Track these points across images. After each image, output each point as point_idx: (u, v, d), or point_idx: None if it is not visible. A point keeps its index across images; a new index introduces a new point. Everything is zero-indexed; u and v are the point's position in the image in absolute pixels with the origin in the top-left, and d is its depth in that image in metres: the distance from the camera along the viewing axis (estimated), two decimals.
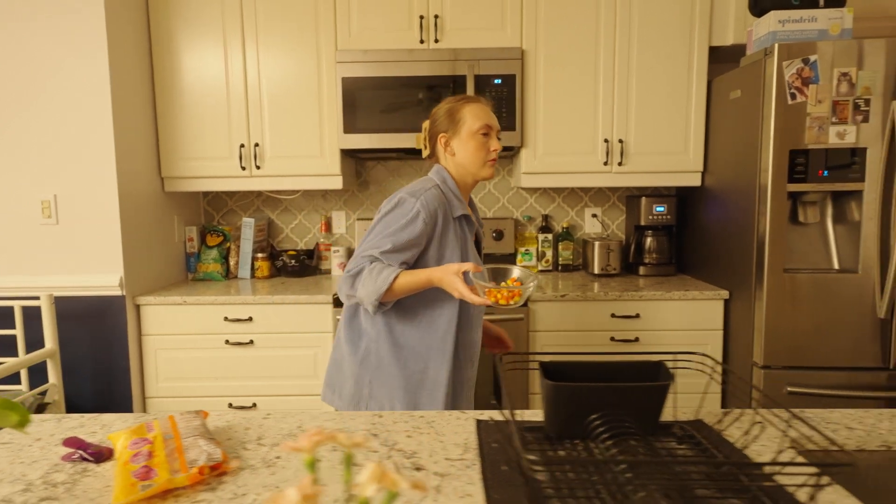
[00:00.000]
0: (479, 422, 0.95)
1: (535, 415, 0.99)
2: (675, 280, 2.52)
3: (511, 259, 2.79)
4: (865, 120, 1.90)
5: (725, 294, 2.24)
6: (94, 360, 2.24)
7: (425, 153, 1.50)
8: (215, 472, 0.77)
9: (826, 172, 1.94)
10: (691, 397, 2.32)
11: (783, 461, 0.59)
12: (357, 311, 1.45)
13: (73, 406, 2.24)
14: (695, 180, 2.47)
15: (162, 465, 0.75)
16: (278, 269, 2.74)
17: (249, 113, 2.45)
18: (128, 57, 2.26)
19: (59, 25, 2.11)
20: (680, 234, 2.76)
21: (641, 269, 2.66)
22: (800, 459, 0.79)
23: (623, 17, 2.38)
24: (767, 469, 0.71)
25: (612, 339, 2.28)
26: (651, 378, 0.86)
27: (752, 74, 2.05)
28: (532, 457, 0.60)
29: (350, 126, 2.41)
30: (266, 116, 2.45)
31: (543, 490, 0.68)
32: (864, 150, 1.92)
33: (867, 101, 1.90)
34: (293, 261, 2.70)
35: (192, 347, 2.30)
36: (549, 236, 2.79)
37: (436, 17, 2.39)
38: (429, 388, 1.39)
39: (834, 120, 1.91)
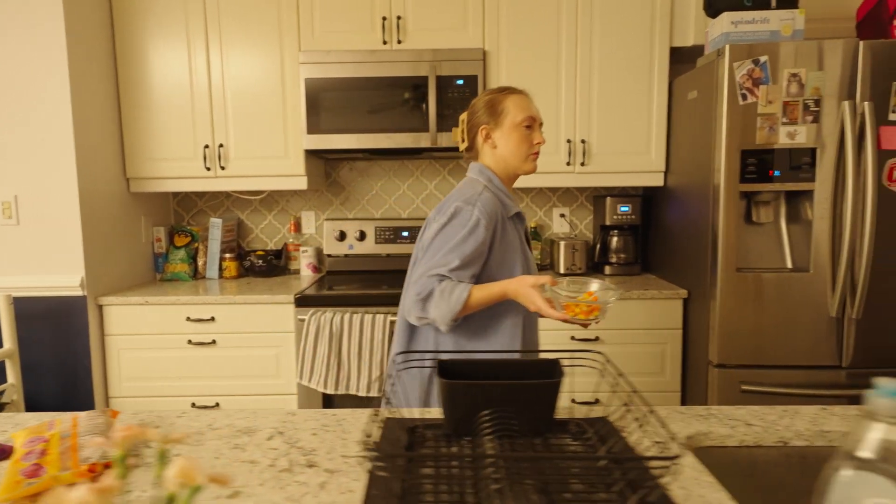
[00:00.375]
0: (387, 420, 0.96)
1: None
2: (639, 279, 2.53)
3: None
4: (815, 120, 1.92)
5: (684, 293, 2.26)
6: (57, 360, 2.24)
7: (463, 146, 1.46)
8: (109, 470, 0.78)
9: (777, 172, 1.95)
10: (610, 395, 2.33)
11: (618, 455, 0.60)
12: (416, 328, 1.39)
13: (35, 406, 2.24)
14: (657, 180, 2.48)
15: (53, 463, 0.76)
16: (246, 269, 2.75)
17: (214, 114, 2.46)
18: (89, 56, 2.27)
19: (17, 23, 2.11)
20: (645, 234, 2.77)
21: (607, 269, 2.67)
22: (653, 452, 0.80)
23: (584, 18, 2.39)
24: (613, 462, 0.72)
25: (573, 338, 2.29)
26: (548, 376, 0.88)
27: (707, 75, 2.06)
28: (374, 453, 0.61)
29: (314, 127, 2.42)
30: (230, 117, 2.46)
31: (411, 486, 0.70)
32: (814, 150, 1.94)
33: (817, 102, 1.91)
34: (260, 261, 2.71)
35: (154, 347, 2.31)
36: None
37: (398, 18, 2.40)
38: None
39: (784, 120, 1.92)
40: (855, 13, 2.33)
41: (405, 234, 2.79)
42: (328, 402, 2.28)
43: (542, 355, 2.03)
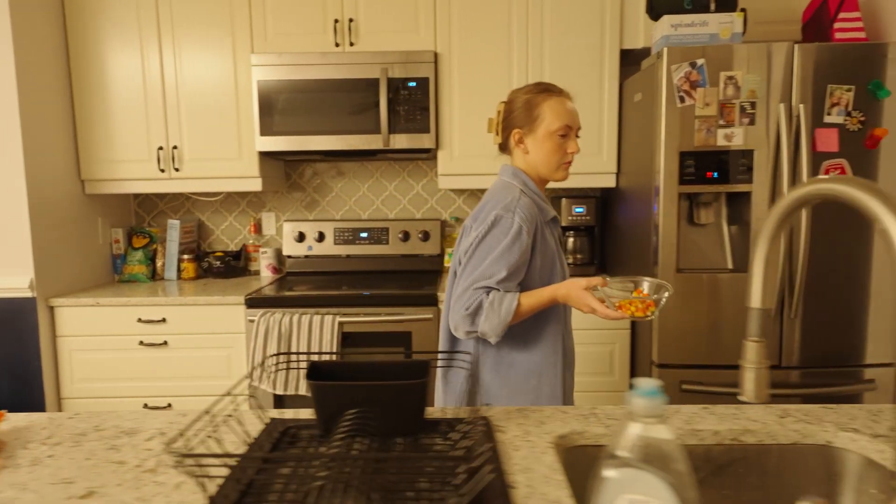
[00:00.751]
0: (273, 420, 0.97)
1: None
2: None
3: (438, 261, 2.82)
4: (752, 122, 1.94)
5: None
6: (7, 361, 2.25)
7: (496, 140, 1.43)
8: None
9: (716, 174, 1.97)
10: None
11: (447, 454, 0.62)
12: (458, 338, 1.38)
13: None
14: (609, 181, 2.50)
15: None
16: (205, 270, 2.76)
17: (167, 115, 2.47)
18: (39, 56, 2.28)
19: None
20: (602, 235, 2.79)
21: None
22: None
23: (534, 21, 2.41)
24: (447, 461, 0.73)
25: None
26: (418, 377, 0.89)
27: (650, 78, 2.08)
28: (180, 452, 0.62)
29: (267, 128, 2.43)
30: (184, 119, 2.47)
31: (258, 487, 0.71)
32: (751, 152, 1.96)
33: (753, 104, 1.93)
34: (218, 262, 2.72)
35: (106, 349, 2.32)
36: None
37: (350, 20, 2.42)
38: (545, 404, 1.33)
39: (722, 122, 1.94)
40: (801, 16, 2.35)
41: (364, 234, 2.80)
42: (279, 402, 2.29)
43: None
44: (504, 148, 1.43)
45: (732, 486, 0.93)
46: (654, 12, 2.10)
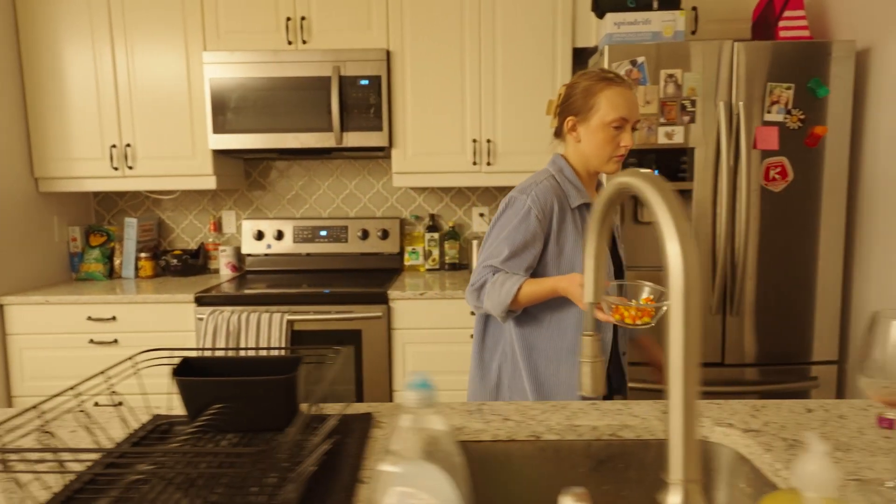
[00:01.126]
0: (155, 416, 0.97)
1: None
2: None
3: (398, 259, 2.82)
4: (692, 121, 1.94)
5: None
6: None
7: (552, 124, 1.38)
8: None
9: (657, 172, 1.98)
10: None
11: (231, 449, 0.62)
12: (490, 321, 1.39)
13: None
14: None
15: None
16: (163, 268, 2.76)
17: (120, 113, 2.47)
18: None
19: None
20: None
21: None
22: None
23: (487, 19, 2.41)
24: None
25: (472, 336, 2.30)
26: (290, 373, 0.89)
27: None
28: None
29: (219, 127, 2.42)
30: (137, 116, 2.47)
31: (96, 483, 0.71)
32: (692, 150, 1.96)
33: (693, 102, 1.94)
34: (176, 260, 2.72)
35: (56, 347, 2.31)
36: (436, 235, 2.82)
37: (302, 18, 2.41)
38: (563, 393, 1.32)
39: (662, 120, 1.95)
40: (752, 14, 2.35)
41: (323, 233, 2.80)
42: None
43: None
44: (559, 133, 1.37)
45: (612, 481, 0.94)
46: (600, 10, 2.10)
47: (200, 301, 2.27)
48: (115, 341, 2.31)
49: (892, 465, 0.77)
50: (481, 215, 2.90)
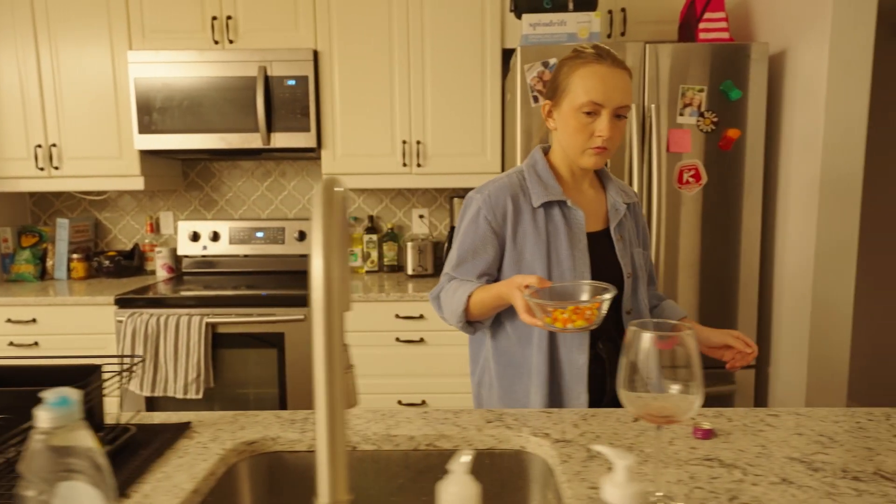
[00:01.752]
0: None
1: None
2: None
3: None
4: None
5: None
6: None
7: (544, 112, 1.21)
8: None
9: None
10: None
11: None
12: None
13: None
14: (476, 182, 2.48)
15: None
16: (96, 269, 2.73)
17: (45, 113, 2.44)
18: None
19: None
20: None
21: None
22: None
23: (415, 19, 2.39)
24: None
25: (398, 339, 2.29)
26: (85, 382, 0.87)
27: (512, 77, 2.07)
28: None
29: (145, 127, 2.40)
30: (63, 117, 2.44)
31: None
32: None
33: None
34: (108, 262, 2.69)
35: None
36: (375, 237, 2.80)
37: (228, 18, 2.39)
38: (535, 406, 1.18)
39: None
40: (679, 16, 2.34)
41: (260, 234, 2.78)
42: (150, 404, 2.27)
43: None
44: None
45: (431, 492, 0.92)
46: (518, 11, 2.08)
47: (121, 303, 2.24)
48: (36, 343, 2.28)
49: (682, 477, 0.75)
50: (421, 217, 2.88)
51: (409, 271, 2.64)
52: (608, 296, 0.93)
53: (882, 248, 3.00)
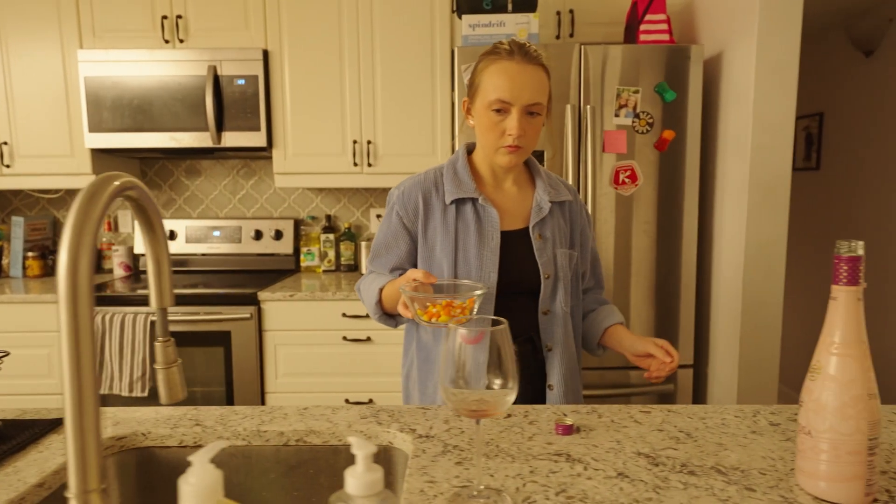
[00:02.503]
0: None
1: None
2: None
3: (291, 260, 2.80)
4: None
5: None
6: None
7: None
8: None
9: None
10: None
11: None
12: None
13: None
14: None
15: None
16: (51, 267, 2.73)
17: None
18: None
19: None
20: None
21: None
22: None
23: (364, 19, 2.40)
24: None
25: (345, 338, 2.30)
26: None
27: (458, 78, 2.08)
28: None
29: (96, 125, 2.40)
30: (14, 115, 2.44)
31: None
32: (541, 152, 1.96)
33: None
34: None
35: None
36: (332, 236, 2.81)
37: (179, 17, 2.40)
38: (429, 398, 1.20)
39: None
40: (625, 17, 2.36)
41: (217, 233, 2.79)
42: (102, 401, 2.27)
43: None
44: None
45: (303, 487, 0.93)
46: (459, 12, 2.10)
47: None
48: None
49: (522, 471, 0.76)
50: (378, 217, 2.89)
51: (363, 270, 2.65)
52: (479, 292, 0.95)
53: (813, 245, 3.03)
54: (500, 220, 1.15)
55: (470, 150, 1.22)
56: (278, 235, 2.78)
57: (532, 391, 1.19)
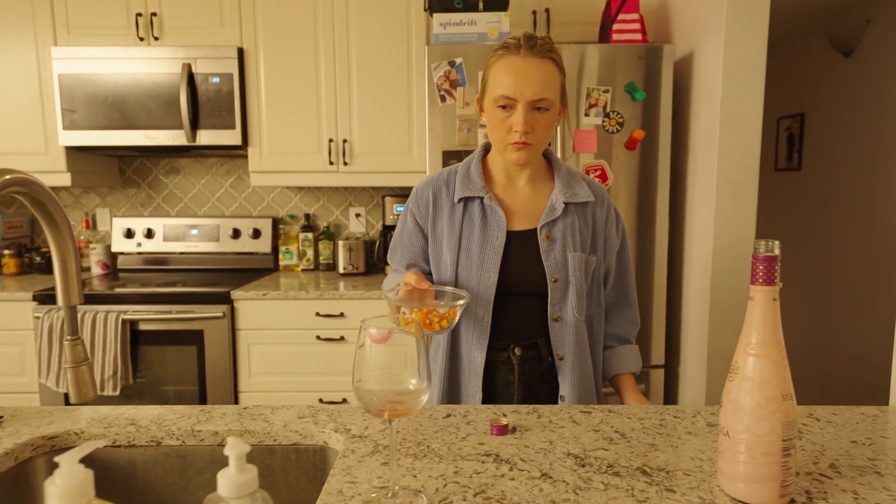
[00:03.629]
0: None
1: None
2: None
3: (269, 259, 2.79)
4: None
5: None
6: None
7: None
8: None
9: None
10: None
11: None
12: None
13: None
14: (413, 181, 2.49)
15: None
16: (28, 265, 2.72)
17: None
18: None
19: None
20: None
21: (388, 269, 2.67)
22: None
23: (340, 17, 2.39)
24: None
25: (318, 337, 2.29)
26: None
27: (428, 77, 2.07)
28: None
29: (70, 123, 2.39)
30: None
31: None
32: None
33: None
34: (40, 258, 2.68)
35: None
36: (310, 235, 2.80)
37: (153, 15, 2.39)
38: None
39: (481, 122, 1.93)
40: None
41: (194, 232, 2.78)
42: (69, 401, 2.26)
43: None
44: None
45: None
46: (431, 10, 2.09)
47: (39, 299, 2.24)
48: None
49: (447, 472, 0.76)
50: (357, 216, 2.88)
51: (341, 270, 2.64)
52: (461, 301, 0.92)
53: (796, 245, 3.03)
54: (509, 219, 1.13)
55: (488, 148, 1.20)
56: (256, 234, 2.77)
57: (538, 401, 1.15)
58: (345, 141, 2.46)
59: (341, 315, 2.28)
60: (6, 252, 2.69)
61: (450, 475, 0.76)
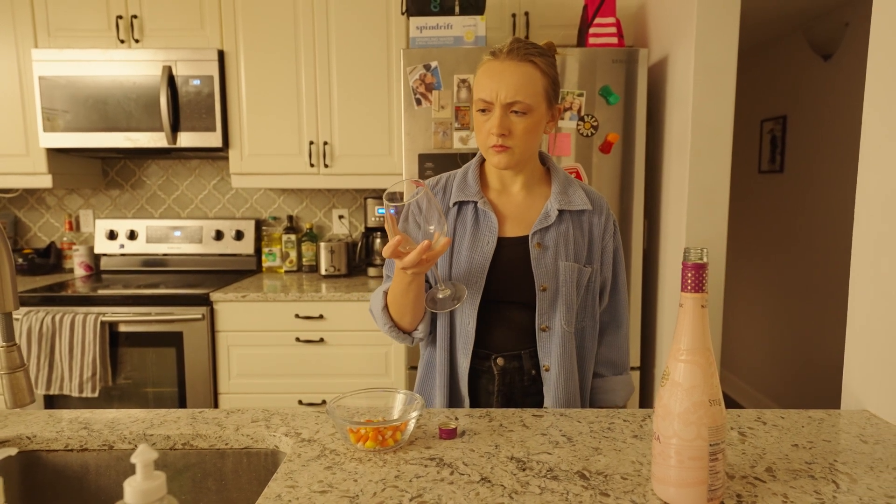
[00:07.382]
0: None
1: None
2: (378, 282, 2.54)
3: (252, 261, 2.80)
4: None
5: None
6: None
7: None
8: None
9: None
10: None
11: None
12: None
13: None
14: (384, 183, 2.50)
15: None
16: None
17: None
18: None
19: None
20: None
21: (371, 270, 2.68)
22: None
23: (320, 19, 2.40)
24: None
25: (298, 339, 2.30)
26: None
27: (404, 80, 2.08)
28: None
29: (50, 125, 2.40)
30: None
31: None
32: None
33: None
34: (22, 259, 2.69)
35: None
36: (293, 237, 2.81)
37: (134, 17, 2.39)
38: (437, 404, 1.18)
39: (457, 125, 1.95)
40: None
41: (177, 233, 2.78)
42: (49, 402, 2.27)
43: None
44: None
45: (190, 491, 0.93)
46: (409, 13, 2.10)
47: (19, 301, 2.24)
48: None
49: (387, 476, 0.77)
50: (340, 217, 2.89)
51: (323, 272, 2.65)
52: (415, 413, 0.86)
53: (779, 247, 3.04)
54: (502, 225, 1.12)
55: None
56: (239, 236, 2.78)
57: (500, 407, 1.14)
58: (325, 143, 2.46)
59: (321, 317, 2.29)
60: None
61: (390, 479, 0.76)
